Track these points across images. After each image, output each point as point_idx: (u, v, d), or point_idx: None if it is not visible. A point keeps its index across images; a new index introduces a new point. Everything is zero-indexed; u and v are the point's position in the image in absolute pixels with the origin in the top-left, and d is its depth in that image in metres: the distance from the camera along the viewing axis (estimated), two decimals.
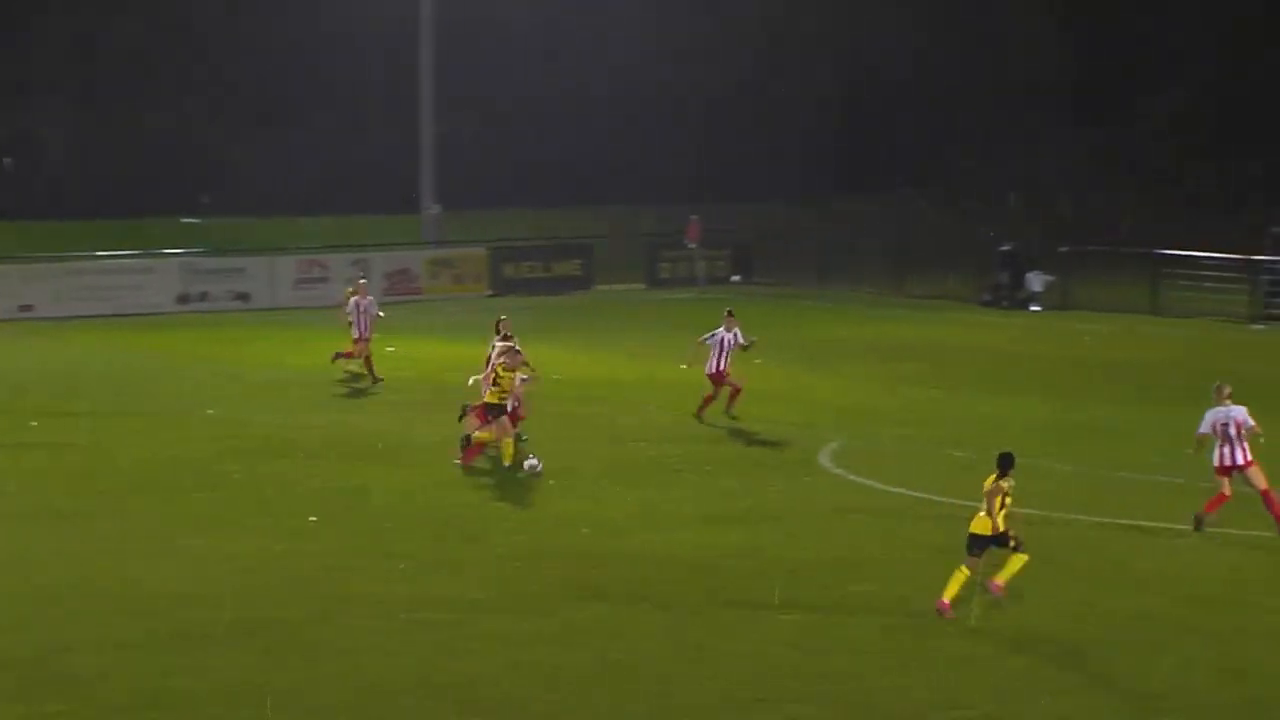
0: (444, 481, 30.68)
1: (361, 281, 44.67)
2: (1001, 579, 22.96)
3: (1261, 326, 53.88)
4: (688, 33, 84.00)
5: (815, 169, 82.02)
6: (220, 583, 24.18)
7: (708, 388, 36.07)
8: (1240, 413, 27.35)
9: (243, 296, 58.09)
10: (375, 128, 79.93)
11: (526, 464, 30.77)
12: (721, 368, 36.06)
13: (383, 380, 41.01)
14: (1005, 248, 60.40)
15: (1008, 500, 22.75)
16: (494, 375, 31.46)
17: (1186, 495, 29.36)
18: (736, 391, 36.25)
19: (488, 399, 31.44)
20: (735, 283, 64.98)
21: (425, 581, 24.30)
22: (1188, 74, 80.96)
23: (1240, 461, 27.17)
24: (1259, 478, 27.15)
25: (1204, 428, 27.40)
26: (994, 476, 22.79)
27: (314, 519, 27.84)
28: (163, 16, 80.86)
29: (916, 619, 22.48)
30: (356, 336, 41.65)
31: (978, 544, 22.73)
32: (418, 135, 66.37)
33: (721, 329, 36.16)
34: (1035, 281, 59.32)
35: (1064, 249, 59.82)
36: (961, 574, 22.67)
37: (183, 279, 57.66)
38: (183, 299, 57.25)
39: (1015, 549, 22.90)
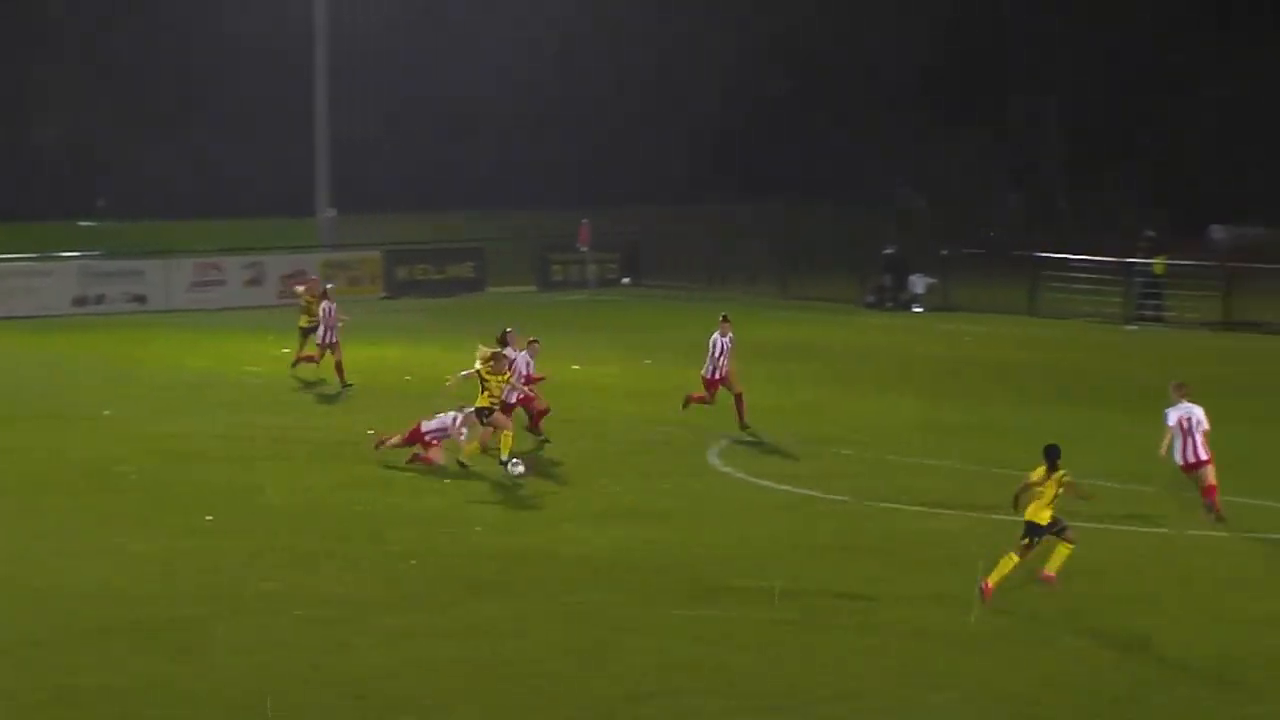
0: (340, 481, 30.68)
1: (329, 286, 43.92)
2: (1051, 569, 23.34)
3: (1134, 327, 54.64)
4: (580, 36, 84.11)
5: (703, 172, 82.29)
6: (123, 581, 24.13)
7: (698, 389, 35.25)
8: (1200, 412, 27.79)
9: (139, 299, 57.72)
10: (270, 131, 79.53)
11: (511, 466, 30.35)
12: (717, 374, 35.16)
13: (353, 385, 40.03)
14: (888, 250, 60.87)
15: (1062, 490, 23.12)
16: (481, 380, 31.42)
17: None
18: (739, 398, 35.09)
19: (478, 403, 31.36)
20: (626, 285, 65.26)
21: (321, 579, 24.31)
22: (1065, 79, 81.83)
23: (1204, 457, 27.62)
24: (1210, 474, 27.57)
25: (1170, 422, 27.79)
26: (1043, 469, 23.19)
27: (210, 518, 27.79)
28: (61, 19, 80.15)
29: (809, 612, 22.71)
30: (321, 342, 40.74)
31: (1033, 532, 23.15)
32: (312, 139, 66.17)
33: (716, 333, 35.34)
34: (918, 284, 59.88)
35: (945, 252, 60.37)
36: (1010, 560, 23.08)
37: (80, 281, 57.23)
38: (79, 301, 56.80)
39: (1065, 539, 23.30)
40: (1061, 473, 23.14)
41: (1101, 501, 28.52)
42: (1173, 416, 27.76)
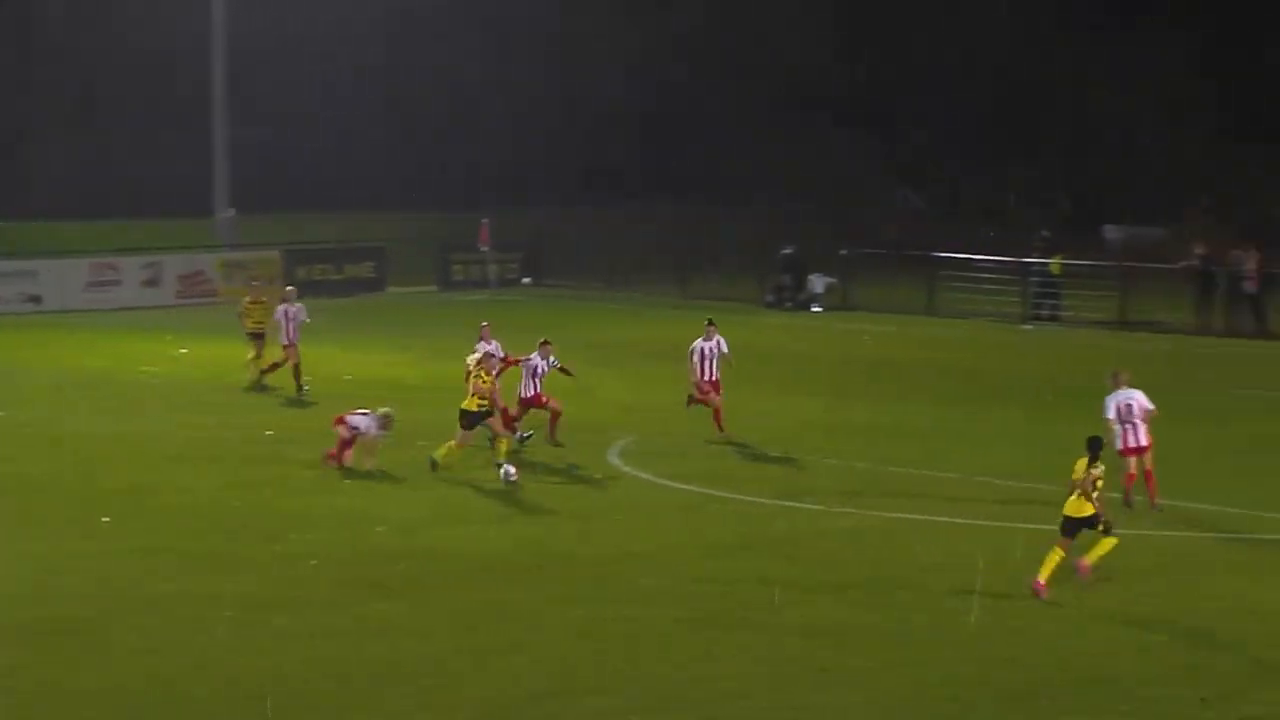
0: (239, 481, 30.48)
1: (289, 289, 43.33)
2: (1090, 559, 23.45)
3: (1031, 327, 55.05)
4: (481, 36, 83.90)
5: (604, 172, 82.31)
6: (16, 582, 23.88)
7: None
8: (1140, 396, 28.09)
9: (34, 299, 57.16)
10: (168, 131, 78.91)
11: (503, 472, 30.18)
12: (709, 377, 34.49)
13: (308, 389, 39.53)
14: (787, 250, 61.07)
15: (1099, 484, 23.26)
16: (473, 380, 31.22)
17: (958, 488, 30.03)
18: (716, 408, 34.42)
19: (467, 406, 31.19)
20: (526, 285, 65.18)
21: (219, 580, 24.14)
22: (962, 82, 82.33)
23: (1144, 443, 27.98)
24: (1149, 460, 27.99)
25: (1109, 413, 28.07)
26: (1084, 462, 23.32)
27: (107, 519, 27.55)
28: None
29: (708, 611, 22.76)
30: (285, 343, 40.02)
31: (1072, 526, 23.29)
32: (211, 139, 65.71)
33: (700, 340, 34.80)
34: (817, 283, 60.10)
35: (845, 251, 60.63)
36: (1055, 555, 23.21)
37: None
38: None
39: (1106, 532, 23.44)
40: (1096, 465, 23.34)
41: (1002, 501, 28.82)
42: (1111, 406, 28.10)
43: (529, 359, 33.54)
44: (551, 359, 33.77)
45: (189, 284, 59.43)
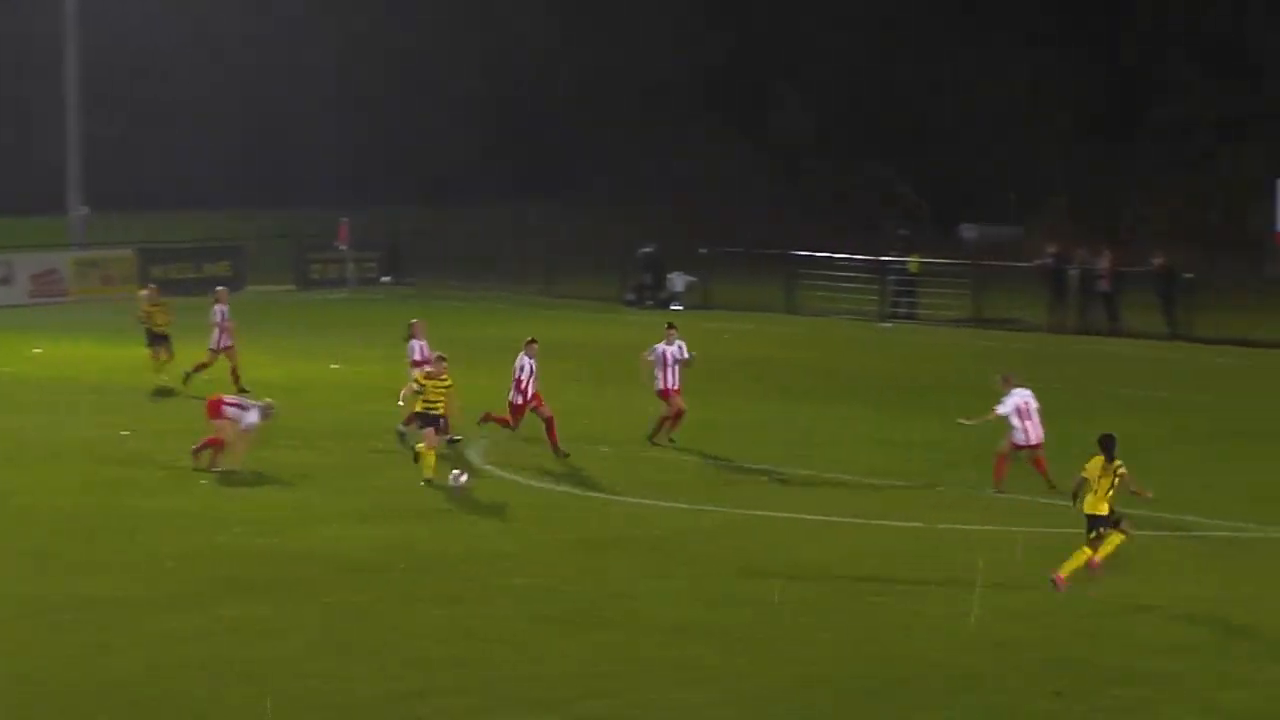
0: (94, 482, 30.17)
1: (220, 289, 42.71)
2: (1100, 556, 23.72)
3: (889, 325, 55.53)
4: (341, 34, 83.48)
5: (466, 171, 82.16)
6: None
7: (661, 408, 34.17)
8: (1029, 394, 29.57)
9: None
10: (20, 128, 77.93)
11: (452, 477, 29.88)
12: (670, 385, 33.74)
13: (248, 392, 38.38)
14: (647, 249, 61.26)
15: (1117, 481, 23.56)
16: (419, 385, 30.99)
17: (811, 487, 30.28)
18: (679, 415, 33.78)
19: (415, 408, 30.93)
20: (386, 284, 64.90)
21: (80, 581, 23.91)
22: (824, 79, 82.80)
23: (1042, 438, 29.41)
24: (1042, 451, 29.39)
25: (1007, 409, 29.37)
26: (1100, 460, 23.62)
27: None
28: None
29: (569, 610, 22.81)
30: (225, 346, 39.48)
31: (1094, 524, 23.59)
32: (64, 136, 64.92)
33: (662, 344, 34.01)
34: (677, 281, 60.34)
35: (705, 250, 60.89)
36: (1083, 553, 23.58)
37: None
38: None
39: (1121, 529, 23.73)
40: (1117, 464, 23.63)
41: (861, 498, 29.08)
42: (1010, 404, 29.37)
43: (521, 365, 32.42)
44: (528, 368, 32.48)
45: (41, 283, 58.71)
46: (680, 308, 59.26)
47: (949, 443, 33.11)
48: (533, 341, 33.20)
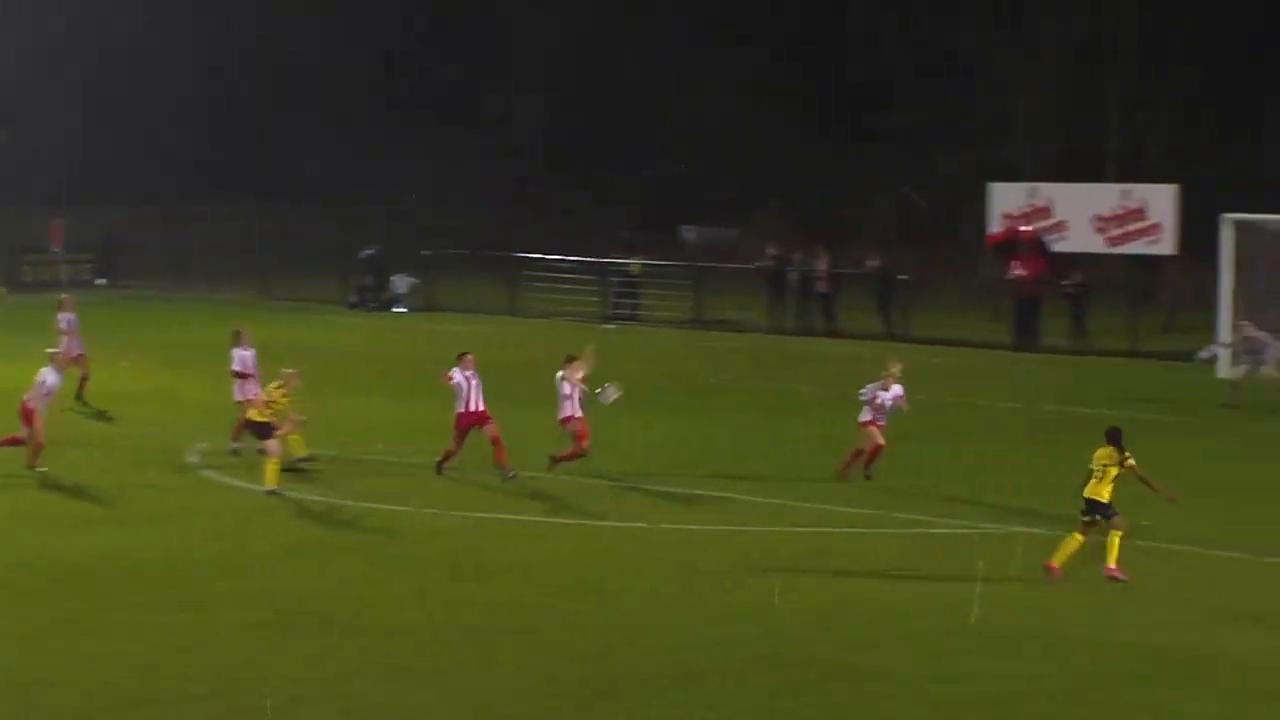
0: None
1: (65, 298, 40.94)
2: (1112, 561, 24.11)
3: (612, 326, 55.86)
4: (60, 24, 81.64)
5: (178, 172, 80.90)
6: None
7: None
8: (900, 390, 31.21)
9: None
10: None
11: (603, 391, 30.59)
12: (570, 414, 30.99)
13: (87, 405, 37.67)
14: (369, 251, 60.95)
15: (1122, 470, 23.95)
16: (268, 398, 30.50)
17: (545, 486, 30.36)
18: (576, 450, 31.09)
19: (254, 417, 30.31)
20: (101, 286, 63.70)
21: None
22: (550, 79, 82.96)
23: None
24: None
25: (868, 395, 31.19)
26: (1110, 449, 24.04)
27: None
28: None
29: (290, 614, 22.60)
30: (78, 353, 37.86)
31: (1093, 509, 24.02)
32: None
33: (456, 370, 31.03)
34: (400, 284, 60.11)
35: (428, 252, 60.75)
36: (1075, 540, 24.08)
37: None
38: None
39: (1113, 523, 24.09)
40: (1127, 454, 24.07)
41: (593, 497, 29.17)
42: (868, 390, 31.19)
43: (451, 376, 30.90)
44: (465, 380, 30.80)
45: None
46: (403, 310, 59.11)
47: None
48: (466, 354, 31.45)
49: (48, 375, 31.14)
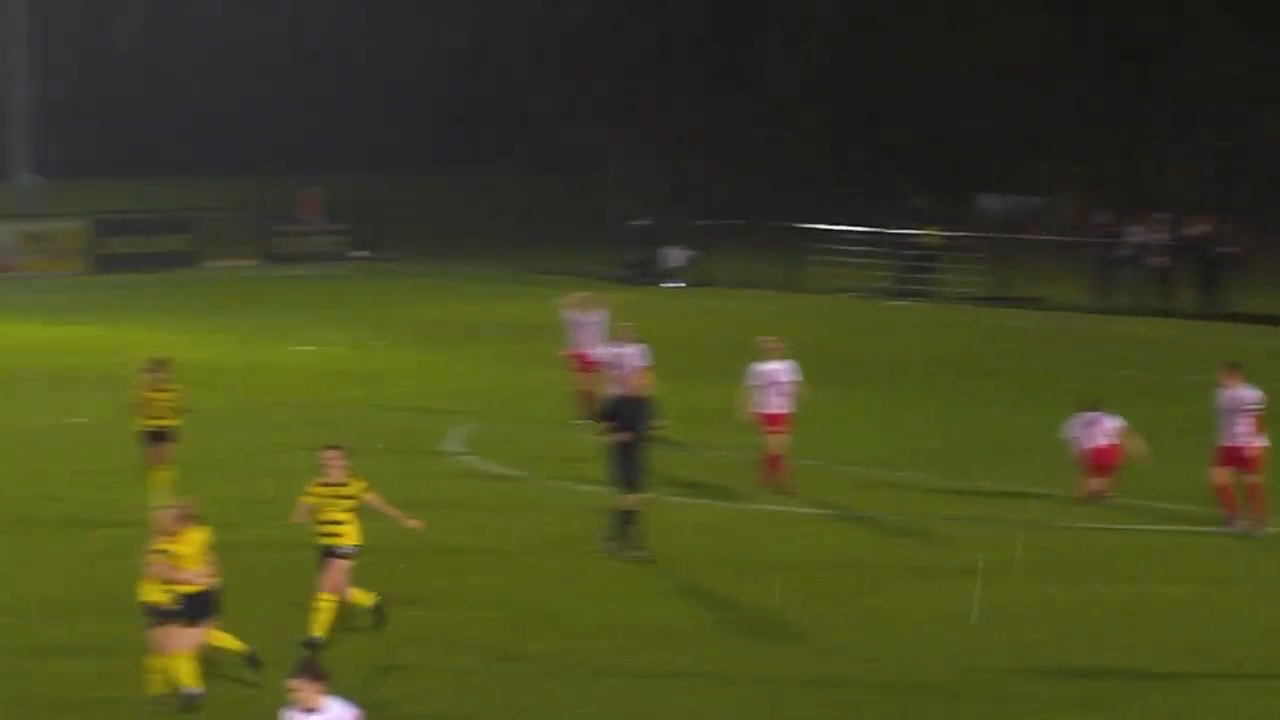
0: None
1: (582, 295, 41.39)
2: None
3: (904, 303, 54.40)
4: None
5: (441, 139, 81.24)
6: None
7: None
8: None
9: None
10: None
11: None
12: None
13: None
14: (642, 222, 60.24)
15: None
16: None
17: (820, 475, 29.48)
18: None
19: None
20: (359, 259, 63.76)
21: None
22: (819, 39, 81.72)
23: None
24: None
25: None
26: None
27: None
28: None
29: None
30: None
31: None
32: (10, 100, 64.08)
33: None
34: (673, 257, 59.28)
35: (703, 223, 59.97)
36: None
37: None
38: None
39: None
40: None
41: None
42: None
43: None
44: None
45: None
46: (676, 284, 58.30)
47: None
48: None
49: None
